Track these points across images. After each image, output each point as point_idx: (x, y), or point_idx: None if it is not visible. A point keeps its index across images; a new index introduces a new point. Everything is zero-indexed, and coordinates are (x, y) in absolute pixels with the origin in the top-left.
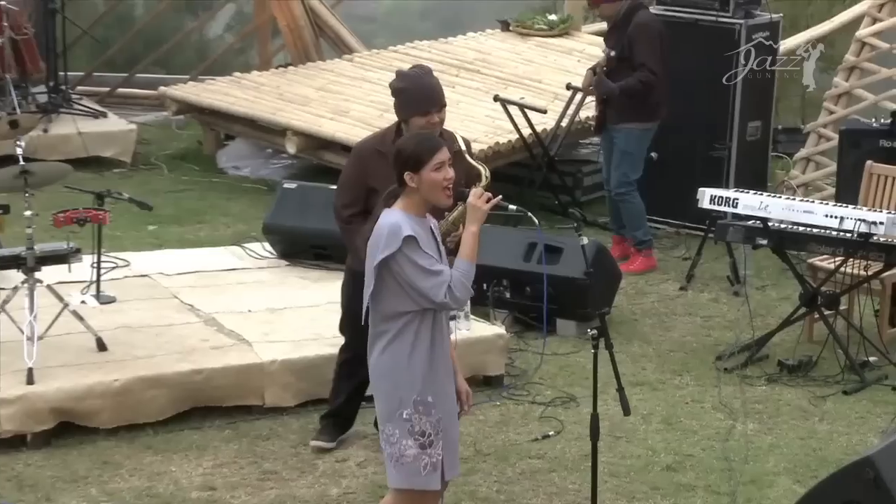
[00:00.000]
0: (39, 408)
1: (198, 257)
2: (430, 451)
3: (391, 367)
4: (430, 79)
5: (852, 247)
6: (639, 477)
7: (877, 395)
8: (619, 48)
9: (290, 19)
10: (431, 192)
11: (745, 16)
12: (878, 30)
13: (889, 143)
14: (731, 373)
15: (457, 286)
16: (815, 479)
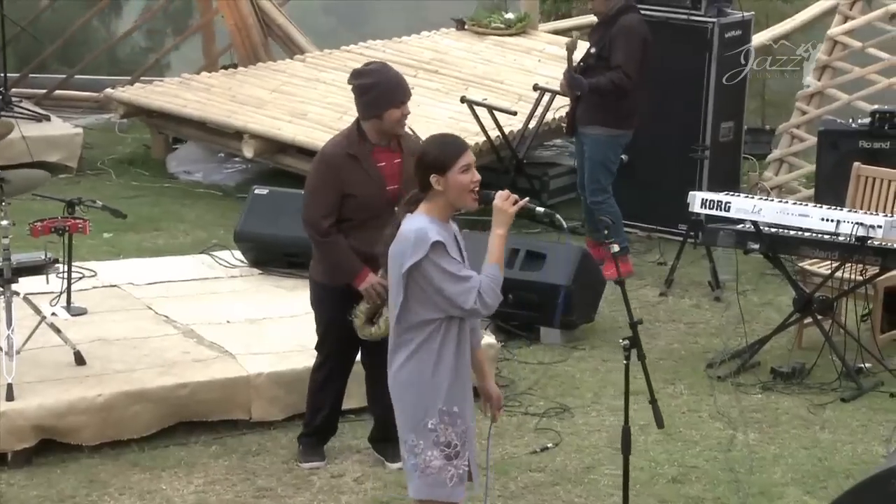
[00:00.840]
0: (20, 425)
1: (166, 266)
2: (455, 463)
3: (416, 376)
4: (393, 71)
5: (847, 251)
6: (645, 490)
7: (875, 403)
8: (600, 46)
9: (238, 18)
10: (458, 196)
11: (717, 14)
12: (849, 28)
13: (869, 143)
14: (725, 381)
15: (486, 292)
16: (824, 489)
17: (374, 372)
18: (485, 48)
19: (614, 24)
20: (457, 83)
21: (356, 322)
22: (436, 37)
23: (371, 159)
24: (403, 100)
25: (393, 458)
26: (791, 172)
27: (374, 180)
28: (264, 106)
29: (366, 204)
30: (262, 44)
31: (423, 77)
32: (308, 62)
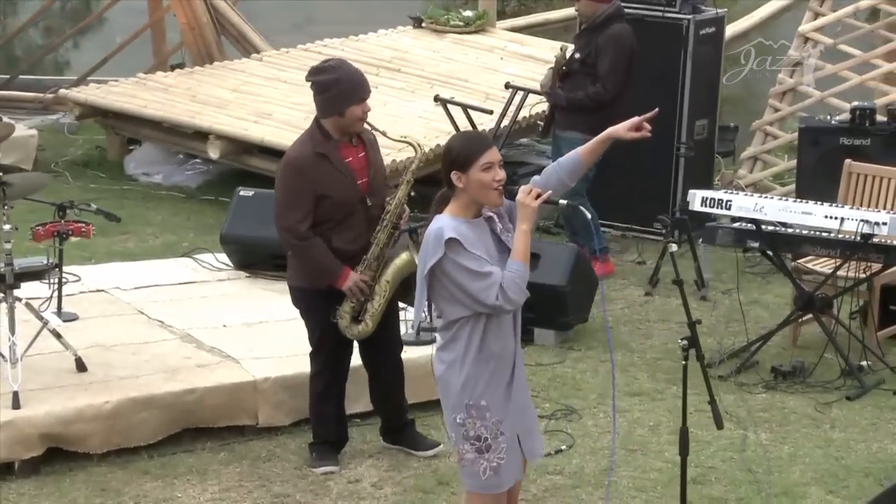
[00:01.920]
0: (28, 433)
1: (151, 270)
2: (488, 456)
3: (444, 373)
4: (353, 67)
5: (850, 248)
6: (667, 491)
7: (880, 401)
8: (585, 53)
9: (191, 17)
10: (480, 193)
11: (691, 11)
12: (820, 25)
13: (850, 140)
14: (727, 381)
15: (509, 287)
16: (846, 488)
17: (374, 368)
18: (445, 46)
19: (602, 32)
20: (421, 82)
21: (341, 323)
22: (393, 35)
23: (338, 156)
24: (364, 96)
25: (417, 446)
26: (765, 170)
27: (345, 177)
28: (227, 106)
29: (341, 202)
30: (215, 43)
31: (385, 76)
32: (266, 61)
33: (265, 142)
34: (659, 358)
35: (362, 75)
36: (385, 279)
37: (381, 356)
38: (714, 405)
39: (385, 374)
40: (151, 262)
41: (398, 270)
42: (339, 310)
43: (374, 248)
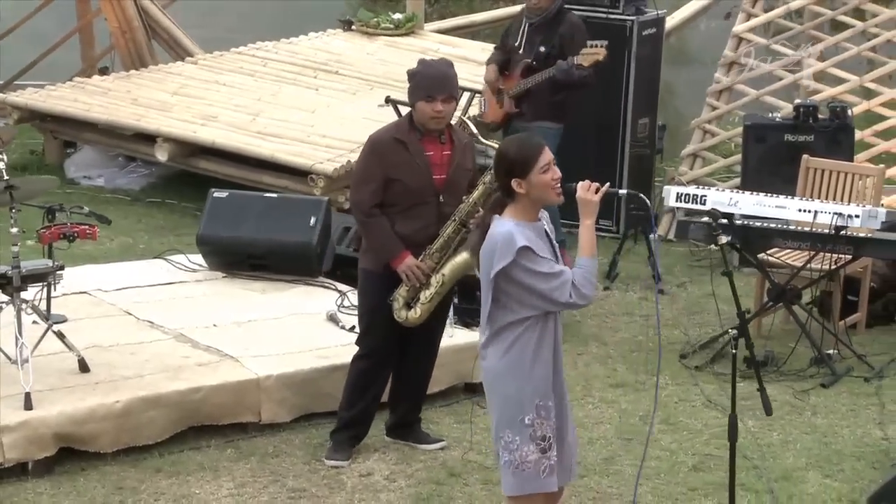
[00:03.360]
0: (42, 433)
1: (127, 272)
2: (549, 455)
3: (513, 372)
4: (443, 67)
5: (821, 241)
6: (671, 478)
7: (854, 387)
8: (549, 46)
9: (122, 20)
10: (542, 194)
11: (635, 12)
12: (752, 25)
13: (794, 137)
14: (703, 370)
15: (581, 283)
16: (842, 472)
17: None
18: (377, 49)
19: (561, 23)
20: (361, 84)
21: (395, 305)
22: (325, 38)
23: (418, 146)
24: (433, 95)
25: (423, 440)
26: (705, 167)
27: (419, 167)
28: (171, 109)
29: (410, 190)
30: (147, 46)
31: (324, 78)
32: (201, 64)
33: (216, 144)
34: (633, 350)
35: (441, 75)
36: (442, 272)
37: (416, 355)
38: (763, 392)
39: (415, 373)
40: (126, 264)
41: (457, 267)
42: (397, 292)
43: (439, 239)
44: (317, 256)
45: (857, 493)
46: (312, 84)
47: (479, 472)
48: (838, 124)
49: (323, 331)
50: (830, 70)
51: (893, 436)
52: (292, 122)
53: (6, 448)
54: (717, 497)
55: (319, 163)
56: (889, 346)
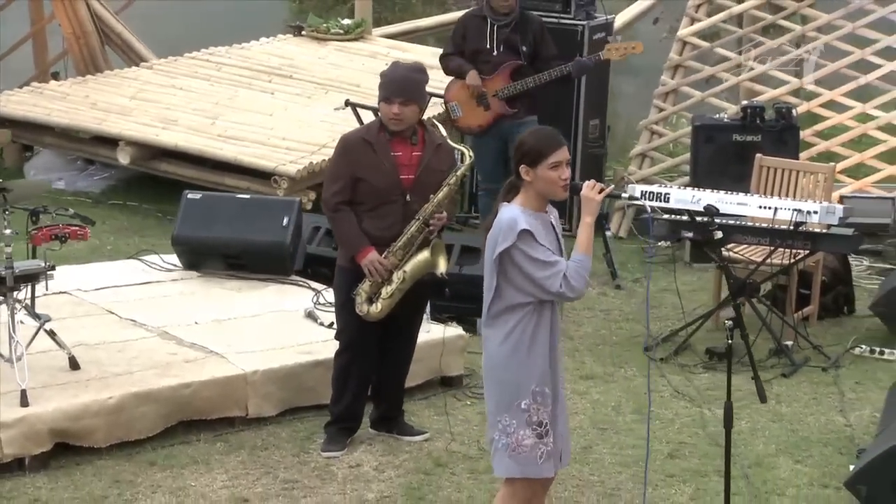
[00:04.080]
0: (39, 429)
1: (104, 272)
2: (545, 441)
3: (511, 357)
4: (406, 71)
5: (780, 236)
6: (649, 466)
7: (813, 377)
8: (527, 44)
9: (76, 25)
10: (546, 188)
11: (585, 17)
12: (696, 30)
13: (742, 136)
14: (668, 362)
15: (572, 276)
16: (811, 458)
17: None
18: (329, 53)
19: (528, 22)
20: (315, 88)
21: (357, 299)
22: (276, 43)
23: (386, 147)
24: (390, 98)
25: (407, 432)
26: (654, 166)
27: (385, 167)
28: (130, 113)
29: (377, 189)
30: (100, 52)
31: (279, 83)
32: (156, 69)
33: (179, 147)
34: (598, 344)
35: (400, 79)
36: (404, 269)
37: (394, 350)
38: (758, 380)
39: (394, 368)
40: (102, 265)
41: (418, 265)
42: (360, 287)
43: (403, 237)
44: (290, 255)
45: (828, 478)
46: (268, 88)
47: (463, 462)
48: (784, 124)
49: (303, 327)
50: (772, 72)
51: (856, 423)
52: (251, 126)
53: (4, 444)
54: (694, 483)
55: (282, 164)
56: (840, 336)
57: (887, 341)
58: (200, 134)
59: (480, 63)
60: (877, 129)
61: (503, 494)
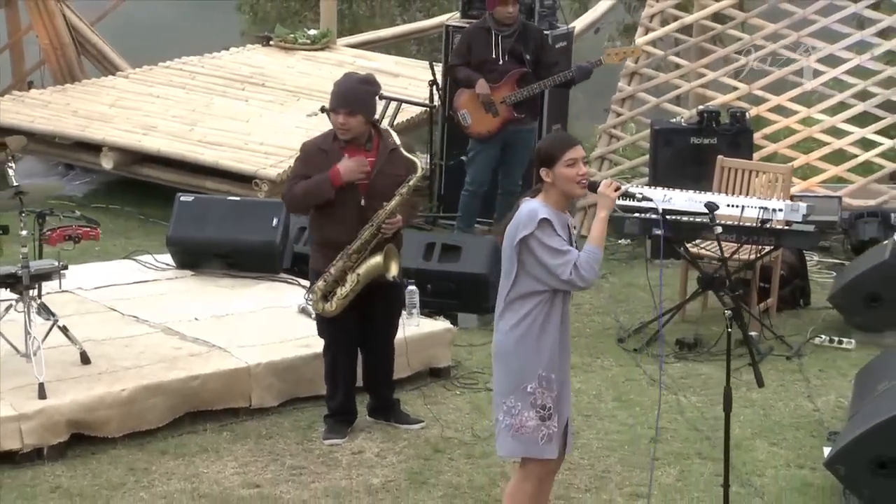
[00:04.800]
0: (56, 420)
1: (102, 271)
2: (548, 424)
3: (521, 343)
4: (351, 83)
5: (746, 233)
6: (634, 449)
7: (778, 365)
8: (530, 53)
9: (54, 37)
10: (565, 185)
11: (548, 27)
12: (651, 39)
13: (699, 139)
14: (641, 353)
15: (583, 266)
16: (785, 440)
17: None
18: (297, 62)
19: (529, 31)
20: (287, 95)
21: (312, 297)
22: (246, 53)
23: (339, 155)
24: (336, 108)
25: (404, 421)
26: (612, 168)
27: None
28: (111, 120)
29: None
30: (77, 62)
31: (252, 90)
32: (133, 78)
33: (162, 152)
34: (574, 336)
35: (344, 91)
36: (358, 272)
37: (375, 343)
38: (756, 366)
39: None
40: (99, 265)
41: (371, 268)
42: (315, 286)
43: (357, 241)
44: (279, 254)
45: (803, 459)
46: (241, 96)
47: (459, 448)
48: (738, 128)
49: (297, 322)
50: (722, 79)
51: (823, 407)
52: (229, 131)
53: (24, 434)
54: (678, 465)
55: (263, 168)
56: (799, 327)
57: (844, 331)
58: (180, 140)
59: (486, 72)
60: (821, 132)
61: (515, 479)
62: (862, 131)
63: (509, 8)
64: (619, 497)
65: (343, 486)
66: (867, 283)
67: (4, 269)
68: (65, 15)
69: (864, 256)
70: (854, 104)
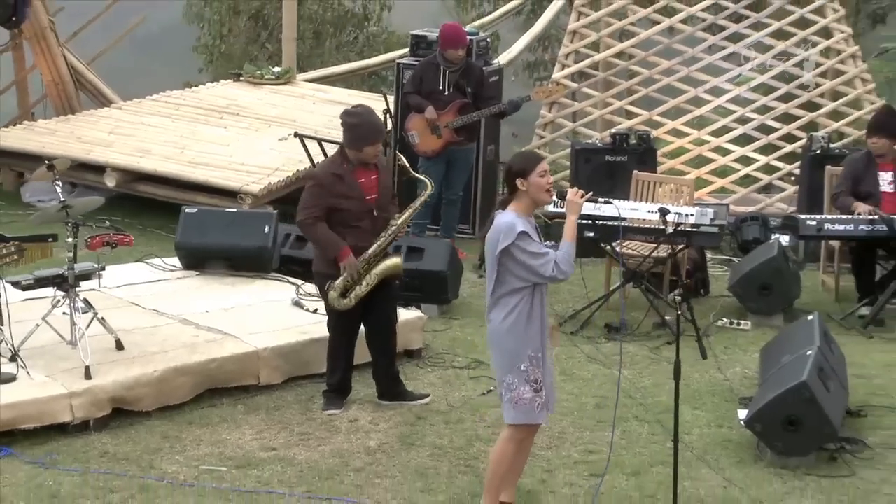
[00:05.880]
0: (101, 397)
1: (119, 273)
2: (540, 394)
3: (511, 331)
4: (375, 116)
5: (663, 234)
6: (583, 414)
7: (689, 343)
8: (472, 87)
9: (56, 75)
10: (538, 193)
11: (484, 64)
12: (567, 73)
13: (612, 157)
14: (577, 335)
15: (562, 261)
16: (704, 405)
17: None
18: (265, 95)
19: (471, 69)
20: (260, 123)
21: (332, 294)
22: (220, 87)
23: (351, 177)
24: (378, 140)
25: (411, 398)
26: None
27: (355, 193)
28: (111, 145)
29: (351, 212)
30: (75, 96)
31: (229, 119)
32: (126, 109)
33: (157, 172)
34: None
35: (380, 123)
36: (375, 272)
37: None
38: (700, 342)
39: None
40: (116, 267)
41: (386, 269)
42: (334, 283)
43: (376, 247)
44: (271, 257)
45: (721, 420)
46: (220, 123)
47: (438, 416)
48: (645, 147)
49: (293, 313)
50: (627, 106)
51: (732, 378)
52: (214, 154)
53: (74, 409)
54: (620, 426)
55: (246, 185)
56: (702, 313)
57: (741, 315)
58: (173, 161)
59: (434, 100)
60: (709, 150)
61: (504, 437)
62: (742, 150)
63: (459, 51)
64: (575, 453)
65: (345, 448)
66: (760, 275)
67: (53, 271)
68: (65, 56)
69: (756, 252)
70: (735, 127)
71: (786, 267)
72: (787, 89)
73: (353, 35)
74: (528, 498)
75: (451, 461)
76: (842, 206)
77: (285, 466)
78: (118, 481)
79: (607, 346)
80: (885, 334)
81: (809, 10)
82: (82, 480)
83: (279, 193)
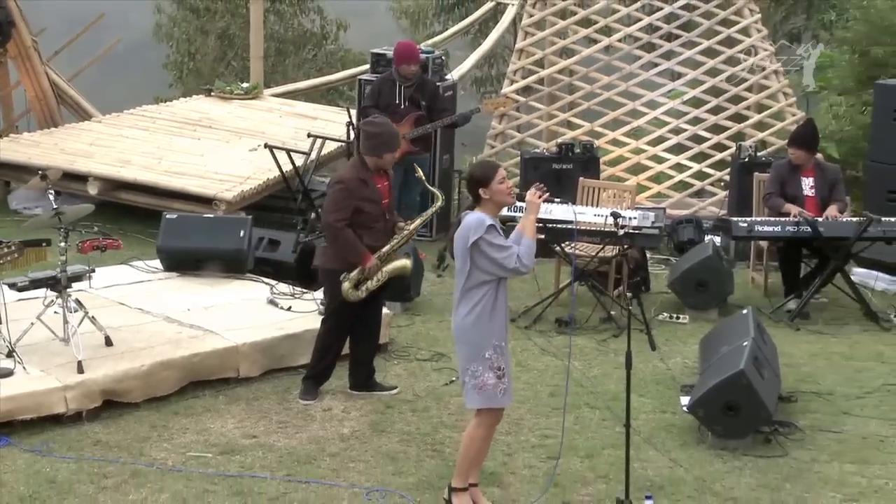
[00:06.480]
0: (93, 390)
1: (105, 274)
2: (503, 380)
3: (478, 321)
4: (393, 127)
5: (608, 236)
6: (539, 402)
7: (634, 336)
8: (426, 100)
9: (39, 90)
10: (500, 197)
11: (439, 79)
12: (515, 88)
13: (559, 165)
14: (530, 329)
15: (523, 255)
16: (649, 392)
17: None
18: (235, 109)
19: (425, 84)
20: (231, 135)
21: (345, 284)
22: (192, 102)
23: (373, 182)
24: (395, 147)
25: (381, 389)
26: None
27: (376, 197)
28: (93, 156)
29: (372, 215)
30: (57, 110)
31: (203, 132)
32: (105, 123)
33: (137, 180)
34: None
35: (397, 133)
36: (386, 269)
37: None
38: (649, 334)
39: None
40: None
41: (395, 268)
42: (349, 275)
43: (389, 247)
44: (246, 259)
45: (665, 405)
46: (194, 135)
47: (405, 404)
48: (589, 156)
49: (269, 311)
50: (571, 118)
51: (673, 367)
52: (189, 164)
53: (68, 401)
54: (573, 412)
55: (221, 192)
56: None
57: (679, 309)
58: (151, 170)
59: (391, 114)
60: (646, 158)
61: (473, 424)
62: (676, 158)
63: (412, 67)
64: (533, 437)
65: (321, 434)
66: (696, 273)
67: (46, 273)
68: (47, 73)
69: (692, 252)
70: (670, 137)
71: (720, 265)
72: (716, 102)
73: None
74: (491, 479)
75: (419, 446)
76: (773, 206)
77: (266, 452)
78: (111, 467)
79: (558, 340)
80: (810, 326)
81: (736, 30)
82: (77, 467)
83: (251, 200)
